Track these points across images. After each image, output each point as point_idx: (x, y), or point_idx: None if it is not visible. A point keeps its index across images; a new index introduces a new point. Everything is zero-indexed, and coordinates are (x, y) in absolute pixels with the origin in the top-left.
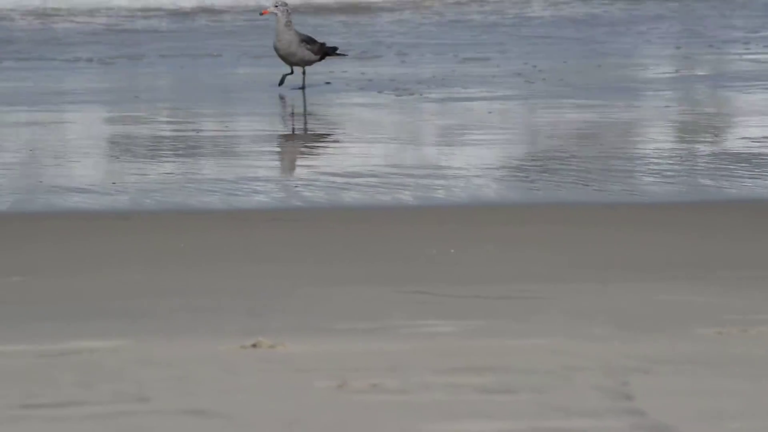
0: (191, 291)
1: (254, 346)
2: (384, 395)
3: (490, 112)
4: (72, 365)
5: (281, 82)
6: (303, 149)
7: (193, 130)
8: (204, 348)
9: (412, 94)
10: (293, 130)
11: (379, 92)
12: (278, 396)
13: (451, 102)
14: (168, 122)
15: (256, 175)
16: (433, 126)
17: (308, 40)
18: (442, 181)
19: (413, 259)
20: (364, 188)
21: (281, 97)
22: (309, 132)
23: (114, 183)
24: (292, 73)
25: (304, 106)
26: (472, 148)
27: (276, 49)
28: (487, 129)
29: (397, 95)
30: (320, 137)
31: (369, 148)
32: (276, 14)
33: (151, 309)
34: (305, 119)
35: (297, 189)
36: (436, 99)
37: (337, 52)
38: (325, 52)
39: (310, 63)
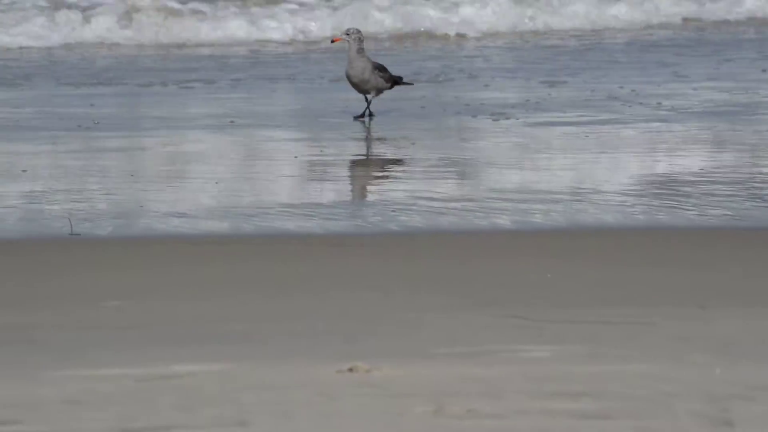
0: (288, 315)
1: (351, 370)
2: (480, 420)
3: (587, 136)
4: (171, 389)
5: (368, 115)
6: (399, 173)
7: (293, 156)
8: (301, 372)
9: (508, 118)
10: (389, 154)
11: (474, 117)
12: (375, 420)
13: (551, 126)
14: (265, 146)
15: (352, 200)
16: (531, 149)
17: (380, 68)
18: (540, 206)
19: (510, 283)
20: (461, 212)
21: (372, 121)
22: (405, 156)
23: (212, 207)
24: (367, 101)
25: (393, 131)
26: (570, 172)
27: (348, 77)
28: (586, 152)
29: (494, 119)
30: (416, 161)
31: (466, 172)
32: (348, 42)
33: (249, 333)
34: (400, 143)
35: (394, 213)
36: (534, 123)
37: (404, 81)
38: (395, 80)
39: (381, 90)
